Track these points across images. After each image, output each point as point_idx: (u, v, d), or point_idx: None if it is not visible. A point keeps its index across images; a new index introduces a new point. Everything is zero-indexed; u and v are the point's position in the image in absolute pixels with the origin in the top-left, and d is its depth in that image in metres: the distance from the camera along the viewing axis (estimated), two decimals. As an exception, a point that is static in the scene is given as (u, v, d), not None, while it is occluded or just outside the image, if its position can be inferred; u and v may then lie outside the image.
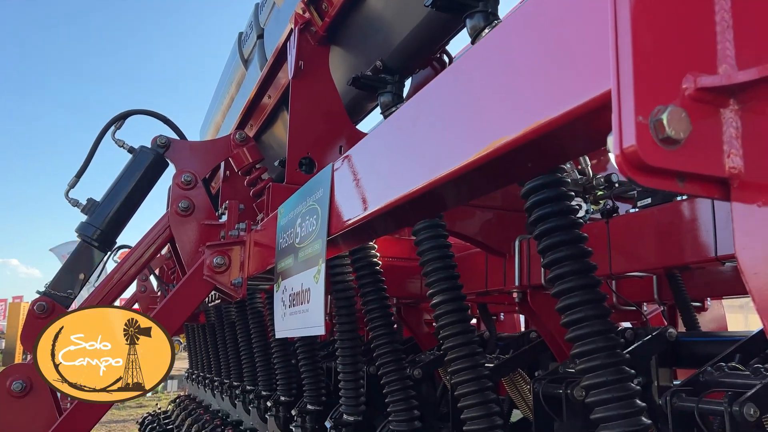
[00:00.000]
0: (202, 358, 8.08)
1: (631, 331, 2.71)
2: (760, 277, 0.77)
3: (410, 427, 3.00)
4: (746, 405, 1.82)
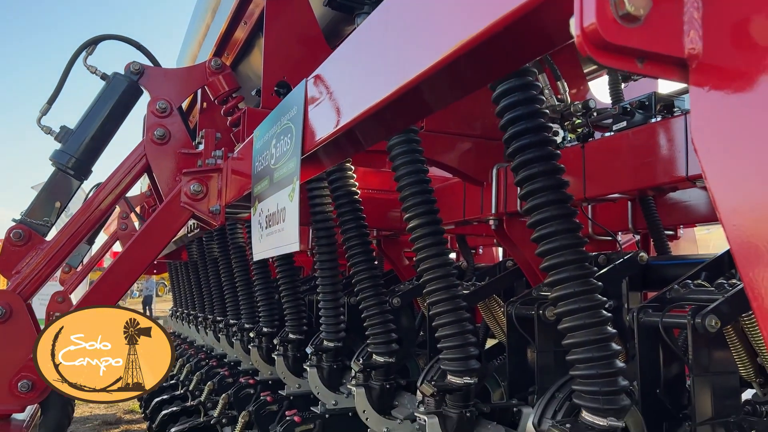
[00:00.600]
0: (185, 295, 8.15)
1: (604, 256, 2.77)
2: (713, 155, 0.79)
3: (388, 349, 3.09)
4: (708, 317, 1.89)
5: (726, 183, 0.78)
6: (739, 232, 0.73)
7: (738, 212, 0.76)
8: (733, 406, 1.98)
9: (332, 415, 3.66)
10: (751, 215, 0.74)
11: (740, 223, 0.75)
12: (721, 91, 0.79)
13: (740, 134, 0.77)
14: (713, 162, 0.80)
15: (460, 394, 2.46)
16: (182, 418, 4.85)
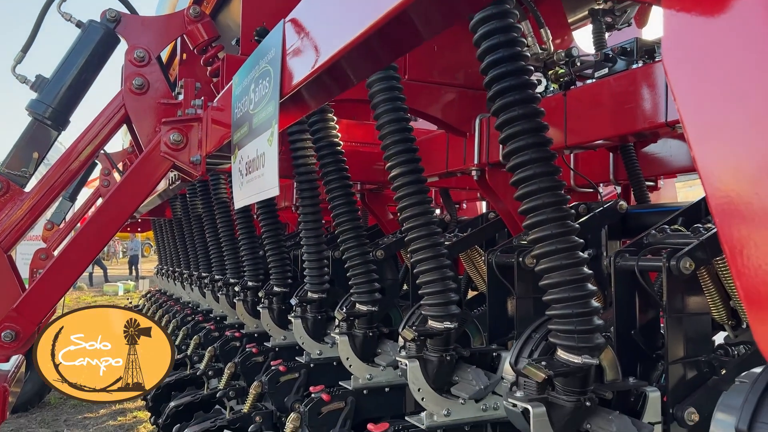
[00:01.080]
0: (170, 253, 8.15)
1: (584, 205, 2.79)
2: (682, 76, 0.79)
3: (371, 298, 3.13)
4: (683, 259, 1.92)
5: (694, 104, 0.78)
6: (706, 147, 0.74)
7: (706, 135, 0.77)
8: (704, 346, 2.03)
9: (317, 364, 3.73)
10: (718, 136, 0.75)
11: (707, 142, 0.76)
12: (691, 12, 0.79)
13: (709, 54, 0.77)
14: (682, 82, 0.80)
15: (440, 339, 2.51)
16: (169, 371, 4.90)
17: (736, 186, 0.71)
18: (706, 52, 0.77)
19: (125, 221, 3.18)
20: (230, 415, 3.58)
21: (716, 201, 0.73)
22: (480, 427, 2.63)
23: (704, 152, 0.76)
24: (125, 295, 16.28)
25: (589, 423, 1.89)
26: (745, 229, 0.69)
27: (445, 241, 2.88)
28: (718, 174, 0.74)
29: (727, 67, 0.75)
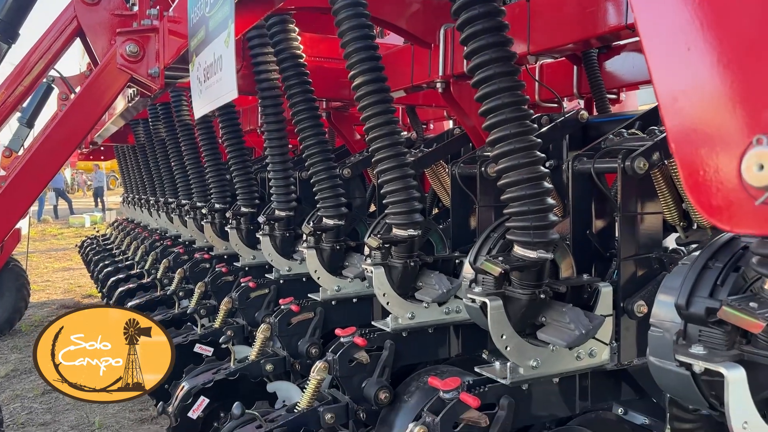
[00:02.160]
0: (135, 180, 8.03)
1: (547, 117, 2.82)
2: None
3: (337, 212, 3.16)
4: (637, 159, 1.98)
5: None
6: (656, 42, 0.75)
7: (656, 31, 0.78)
8: (655, 244, 2.12)
9: (287, 280, 3.79)
10: (667, 33, 0.76)
11: (657, 37, 0.77)
12: None
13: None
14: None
15: (404, 246, 2.57)
16: (139, 293, 4.94)
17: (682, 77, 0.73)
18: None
19: (82, 140, 3.12)
20: (202, 331, 3.65)
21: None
22: (443, 329, 2.74)
23: (653, 47, 0.77)
24: (92, 227, 16.10)
25: (544, 316, 1.99)
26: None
27: (410, 157, 2.90)
28: (666, 66, 0.75)
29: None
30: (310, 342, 3.10)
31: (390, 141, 2.48)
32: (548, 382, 2.04)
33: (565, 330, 1.91)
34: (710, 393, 1.31)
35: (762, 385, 1.27)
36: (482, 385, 1.98)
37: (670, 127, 0.72)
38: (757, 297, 1.22)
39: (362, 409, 2.58)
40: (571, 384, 2.10)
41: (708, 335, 1.28)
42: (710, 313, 1.26)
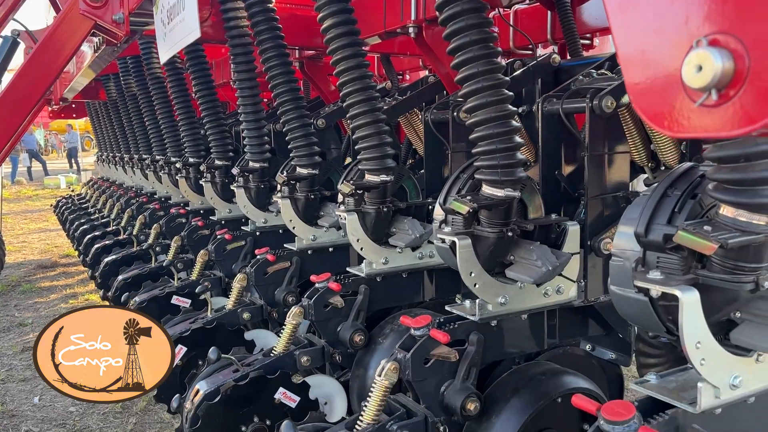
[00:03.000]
0: (108, 138, 7.90)
1: (519, 61, 2.80)
2: None
3: (311, 161, 3.15)
4: (605, 98, 1.99)
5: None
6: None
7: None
8: (622, 184, 2.15)
9: (263, 232, 3.79)
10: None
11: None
12: None
13: None
14: None
15: (377, 192, 2.57)
16: (115, 249, 4.91)
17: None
18: None
19: (46, 91, 3.05)
20: (179, 283, 3.66)
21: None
22: (417, 274, 2.78)
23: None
24: (68, 188, 15.88)
25: (512, 254, 2.02)
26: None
27: (384, 105, 2.88)
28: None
29: None
30: (287, 291, 3.13)
31: (361, 85, 2.46)
32: (517, 318, 2.09)
33: (532, 267, 1.95)
34: (667, 318, 1.35)
35: (715, 307, 1.31)
36: (452, 322, 2.03)
37: (616, 35, 0.73)
38: (711, 221, 1.25)
39: (338, 352, 2.63)
40: (539, 320, 2.15)
41: (665, 261, 1.32)
42: (667, 240, 1.29)
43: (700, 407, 1.30)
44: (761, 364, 1.36)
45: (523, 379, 2.02)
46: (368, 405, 1.94)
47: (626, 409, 1.31)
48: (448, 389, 1.97)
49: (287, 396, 2.39)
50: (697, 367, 1.28)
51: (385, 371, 1.94)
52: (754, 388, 1.37)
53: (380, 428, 1.89)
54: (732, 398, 1.35)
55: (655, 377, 1.45)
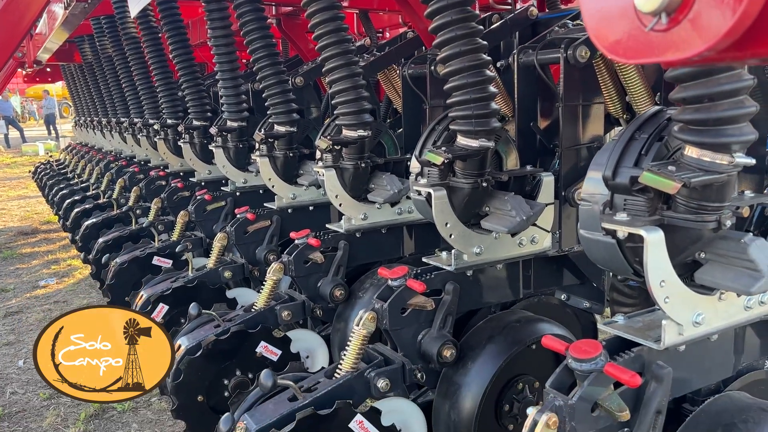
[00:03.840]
0: (85, 102, 7.76)
1: (497, 15, 2.78)
2: None
3: (288, 118, 3.13)
4: (579, 48, 1.99)
5: None
6: None
7: None
8: (597, 134, 2.17)
9: (243, 192, 3.78)
10: None
11: None
12: None
13: None
14: None
15: (355, 147, 2.57)
16: (95, 213, 4.88)
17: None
18: None
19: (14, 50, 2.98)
20: (159, 244, 3.65)
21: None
22: (396, 229, 2.80)
23: None
24: (47, 155, 15.63)
25: (487, 205, 2.04)
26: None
27: (362, 62, 2.85)
28: None
29: None
30: (268, 249, 3.14)
31: (336, 39, 2.43)
32: (492, 268, 2.13)
33: (506, 217, 1.97)
34: (634, 259, 1.38)
35: (680, 247, 1.34)
36: (429, 273, 2.06)
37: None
38: (676, 162, 1.28)
39: (319, 307, 2.66)
40: (514, 270, 2.19)
41: (632, 203, 1.34)
42: (634, 182, 1.31)
43: (664, 344, 1.35)
44: (723, 303, 1.41)
45: (499, 327, 2.06)
46: (347, 353, 1.98)
47: (593, 347, 1.35)
48: (425, 337, 2.01)
49: (269, 350, 2.42)
50: (661, 305, 1.31)
51: (363, 321, 1.97)
52: (716, 326, 1.42)
53: (359, 375, 1.93)
54: (695, 335, 1.39)
55: (623, 318, 1.50)
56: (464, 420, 1.95)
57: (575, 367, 1.34)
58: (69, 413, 3.52)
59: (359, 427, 1.81)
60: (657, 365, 1.37)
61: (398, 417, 1.95)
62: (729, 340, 1.55)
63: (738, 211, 1.32)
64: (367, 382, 1.94)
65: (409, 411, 2.03)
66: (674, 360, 1.41)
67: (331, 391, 1.87)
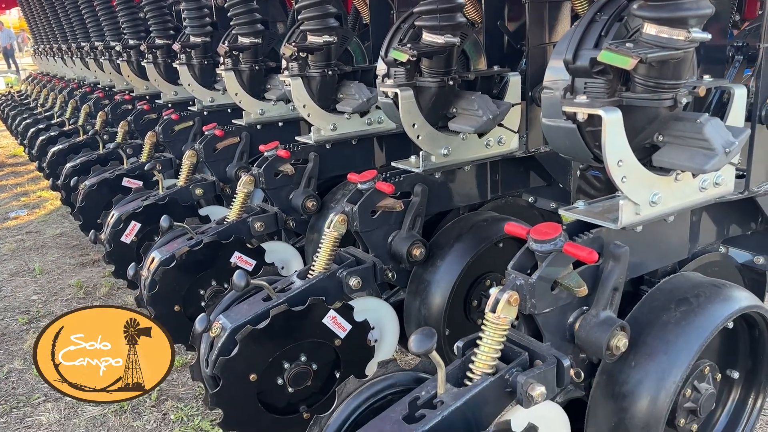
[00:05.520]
0: (44, 28, 7.43)
1: None
2: None
3: (252, 29, 3.03)
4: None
5: None
6: None
7: None
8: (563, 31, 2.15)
9: (210, 112, 3.72)
10: None
11: None
12: None
13: None
14: None
15: (321, 54, 2.52)
16: (61, 140, 4.77)
17: None
18: None
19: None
20: (129, 165, 3.61)
21: None
22: (367, 140, 2.79)
23: None
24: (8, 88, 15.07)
25: (455, 107, 2.04)
26: None
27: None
28: None
29: None
30: (238, 166, 3.12)
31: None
32: (460, 170, 2.15)
33: (473, 117, 1.97)
34: (594, 144, 1.41)
35: (637, 128, 1.37)
36: (398, 176, 2.07)
37: None
38: (635, 40, 1.28)
39: (291, 219, 2.68)
40: (482, 172, 2.22)
41: (592, 86, 1.35)
42: (594, 64, 1.32)
43: (621, 223, 1.39)
44: (679, 183, 1.45)
45: (466, 226, 2.11)
46: (319, 255, 2.02)
47: (553, 229, 1.39)
48: (395, 238, 2.05)
49: (243, 260, 2.45)
50: (618, 185, 1.35)
51: (334, 223, 2.00)
52: (672, 206, 1.46)
53: (331, 275, 1.97)
54: (652, 215, 1.44)
55: (583, 203, 1.54)
56: (434, 315, 2.02)
57: (536, 248, 1.39)
58: (49, 335, 3.56)
59: (332, 323, 1.86)
60: (614, 245, 1.42)
61: (371, 315, 2.01)
62: (685, 223, 1.60)
63: (694, 91, 1.33)
64: (339, 281, 1.98)
65: (382, 309, 2.09)
66: (632, 241, 1.46)
67: (304, 290, 1.91)
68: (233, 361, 1.77)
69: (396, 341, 2.14)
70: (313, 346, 1.89)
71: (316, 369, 1.91)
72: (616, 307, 1.44)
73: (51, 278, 4.39)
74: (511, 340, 1.41)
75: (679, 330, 1.43)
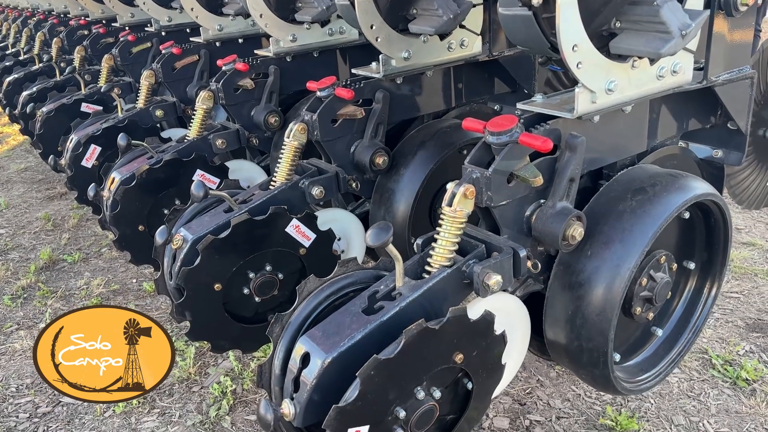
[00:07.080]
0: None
1: None
2: None
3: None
4: None
5: None
6: None
7: None
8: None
9: (169, 32, 3.57)
10: None
11: None
12: None
13: None
14: None
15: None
16: (17, 69, 4.58)
17: None
18: None
19: None
20: (87, 90, 3.48)
21: None
22: (329, 52, 2.71)
23: None
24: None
25: (415, 8, 1.97)
26: None
27: None
28: None
29: None
30: (199, 85, 3.03)
31: None
32: (422, 75, 2.10)
33: (434, 17, 1.91)
34: (550, 32, 1.37)
35: (593, 11, 1.33)
36: (358, 82, 2.02)
37: None
38: None
39: (254, 136, 2.62)
40: (445, 77, 2.17)
41: (547, -32, 1.30)
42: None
43: (577, 111, 1.38)
44: (636, 70, 1.43)
45: (430, 133, 2.08)
46: (280, 166, 1.99)
47: (509, 120, 1.37)
48: (357, 147, 2.03)
49: (206, 178, 2.41)
50: (573, 71, 1.32)
51: (294, 132, 1.96)
52: (629, 94, 1.45)
53: (293, 185, 1.95)
54: (608, 104, 1.42)
55: (541, 96, 1.51)
56: (399, 223, 2.02)
57: (492, 141, 1.37)
58: (19, 267, 3.53)
59: (296, 231, 1.86)
60: (571, 135, 1.41)
61: (336, 225, 2.01)
62: (643, 115, 1.59)
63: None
64: (302, 191, 1.96)
65: (347, 219, 2.09)
66: (589, 132, 1.45)
67: (266, 200, 1.89)
68: (196, 271, 1.76)
69: (363, 252, 2.14)
70: (278, 255, 1.89)
71: (282, 278, 1.92)
72: (573, 198, 1.44)
73: (18, 212, 4.32)
74: (469, 234, 1.42)
75: (634, 218, 1.44)
